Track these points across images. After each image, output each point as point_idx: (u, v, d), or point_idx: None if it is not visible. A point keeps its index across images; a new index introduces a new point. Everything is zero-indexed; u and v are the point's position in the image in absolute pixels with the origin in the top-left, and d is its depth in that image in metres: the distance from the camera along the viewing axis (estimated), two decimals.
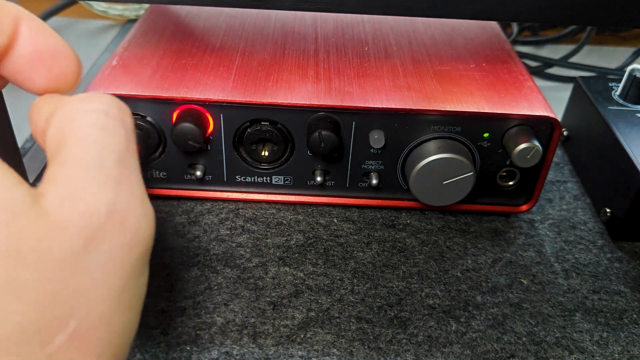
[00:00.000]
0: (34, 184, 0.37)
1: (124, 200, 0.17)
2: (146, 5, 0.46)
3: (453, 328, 0.29)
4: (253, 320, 0.29)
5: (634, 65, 0.39)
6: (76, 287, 0.16)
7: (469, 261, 0.33)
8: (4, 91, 0.30)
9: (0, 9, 0.19)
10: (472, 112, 0.31)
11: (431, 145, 0.32)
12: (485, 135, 0.32)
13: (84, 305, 0.16)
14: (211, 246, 0.33)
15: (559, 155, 0.43)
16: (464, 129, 0.32)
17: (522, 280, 0.32)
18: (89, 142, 0.18)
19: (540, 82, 0.55)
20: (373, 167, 0.34)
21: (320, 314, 0.29)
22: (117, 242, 0.17)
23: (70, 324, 0.16)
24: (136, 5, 0.58)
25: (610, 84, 0.41)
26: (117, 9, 0.58)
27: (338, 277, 0.31)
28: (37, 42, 0.21)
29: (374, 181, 0.34)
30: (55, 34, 0.22)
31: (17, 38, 0.20)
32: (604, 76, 0.48)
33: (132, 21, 0.59)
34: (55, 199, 0.16)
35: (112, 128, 0.18)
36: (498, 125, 0.32)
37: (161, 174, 0.34)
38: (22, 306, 0.15)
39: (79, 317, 0.16)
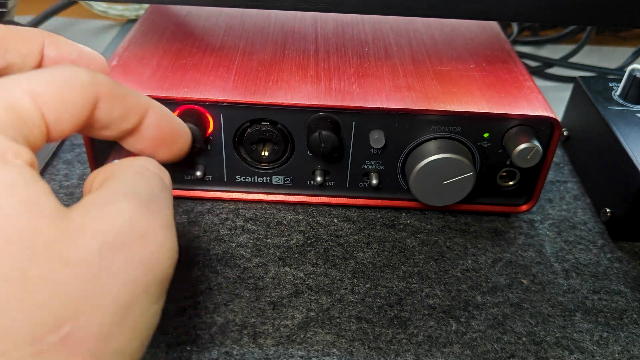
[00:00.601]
0: None
1: (147, 220, 0.18)
2: (146, 5, 0.46)
3: (453, 328, 0.29)
4: (253, 320, 0.29)
5: (634, 65, 0.39)
6: (82, 292, 0.16)
7: (469, 261, 0.33)
8: None
9: (132, 101, 0.22)
10: (472, 112, 0.31)
11: (431, 145, 0.32)
12: (486, 135, 0.32)
13: (84, 312, 0.16)
14: (211, 246, 0.33)
15: (559, 155, 0.43)
16: (464, 129, 0.32)
17: (522, 280, 0.32)
18: (123, 179, 0.20)
19: (540, 82, 0.55)
20: (373, 167, 0.34)
21: (321, 314, 0.29)
22: (133, 257, 0.17)
23: (66, 326, 0.16)
24: (136, 5, 0.58)
25: (610, 84, 0.41)
26: (117, 9, 0.58)
27: (338, 277, 0.31)
28: (162, 128, 0.24)
29: (374, 181, 0.34)
30: (176, 118, 0.26)
31: (143, 124, 0.23)
32: (604, 76, 0.48)
33: (132, 21, 0.59)
34: (81, 208, 0.18)
35: (148, 176, 0.21)
36: (498, 125, 0.32)
37: None
38: (24, 299, 0.15)
39: (76, 321, 0.16)
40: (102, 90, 0.21)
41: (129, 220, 0.18)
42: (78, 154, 0.40)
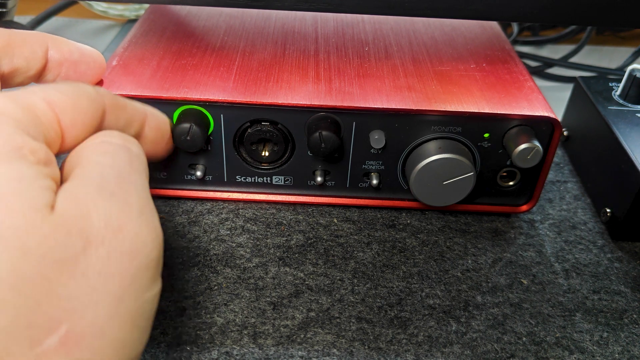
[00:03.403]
0: None
1: (120, 212, 0.19)
2: (146, 5, 0.46)
3: (453, 328, 0.29)
4: (253, 320, 0.29)
5: (634, 65, 0.39)
6: (72, 289, 0.16)
7: (469, 261, 0.33)
8: None
9: (133, 110, 0.25)
10: (472, 112, 0.31)
11: (431, 145, 0.32)
12: (486, 135, 0.32)
13: (77, 310, 0.16)
14: (211, 246, 0.33)
15: (559, 155, 0.43)
16: (464, 129, 0.32)
17: (522, 280, 0.32)
18: (92, 164, 0.20)
19: (540, 82, 0.55)
20: (373, 168, 0.34)
21: (321, 314, 0.29)
22: (113, 247, 0.18)
23: (62, 327, 0.16)
24: (136, 5, 0.58)
25: (610, 84, 0.41)
26: (117, 9, 0.58)
27: (338, 277, 0.31)
28: (160, 130, 0.28)
29: (375, 181, 0.34)
30: (165, 116, 0.29)
31: (144, 129, 0.26)
32: (604, 76, 0.48)
33: (132, 21, 0.59)
34: (63, 204, 0.18)
35: (112, 152, 0.21)
36: (498, 125, 0.32)
37: (161, 174, 0.34)
38: (19, 299, 0.16)
39: (72, 321, 0.16)
40: (107, 101, 0.22)
41: (104, 214, 0.18)
42: None
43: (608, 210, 0.35)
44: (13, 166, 0.17)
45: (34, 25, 0.52)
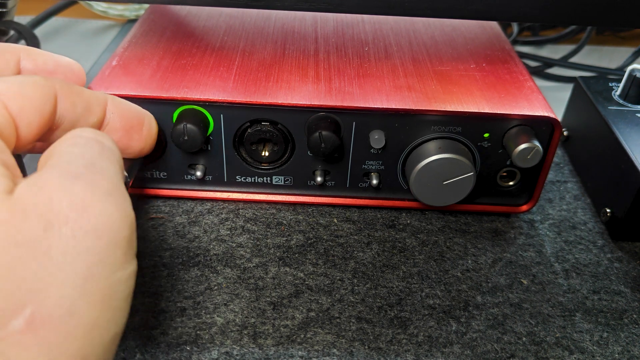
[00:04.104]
0: None
1: (84, 192, 0.18)
2: (146, 5, 0.46)
3: (453, 328, 0.29)
4: (253, 320, 0.29)
5: (634, 65, 0.39)
6: (35, 270, 0.16)
7: (469, 261, 0.33)
8: None
9: (90, 95, 0.24)
10: (472, 112, 0.31)
11: (431, 145, 0.32)
12: (486, 135, 0.32)
13: (42, 290, 0.16)
14: (211, 246, 0.33)
15: (559, 155, 0.43)
16: (464, 129, 0.32)
17: (522, 280, 0.32)
18: (61, 153, 0.20)
19: (540, 82, 0.55)
20: (373, 168, 0.34)
21: (321, 314, 0.29)
22: (79, 226, 0.18)
23: (27, 309, 0.16)
24: (136, 5, 0.58)
25: (610, 84, 0.41)
26: (117, 9, 0.58)
27: (338, 277, 0.31)
28: (125, 115, 0.27)
29: (374, 181, 0.34)
30: (134, 104, 0.28)
31: (107, 115, 0.26)
32: (604, 76, 0.48)
33: (132, 21, 0.59)
34: (22, 189, 0.18)
35: (83, 144, 0.21)
36: (498, 125, 0.32)
37: (161, 174, 0.34)
38: None
39: (37, 302, 0.16)
40: (58, 87, 0.22)
41: (67, 195, 0.18)
42: None
43: (608, 210, 0.35)
44: None
45: (34, 25, 0.52)
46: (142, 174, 0.34)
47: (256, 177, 0.35)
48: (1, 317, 0.16)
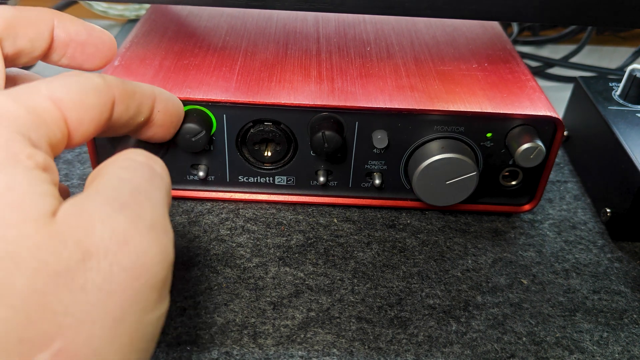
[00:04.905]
0: None
1: (128, 224, 0.17)
2: (146, 5, 0.46)
3: (453, 328, 0.29)
4: (253, 320, 0.29)
5: (634, 65, 0.39)
6: (68, 304, 0.15)
7: (469, 261, 0.33)
8: None
9: (142, 95, 0.24)
10: (475, 112, 0.31)
11: (434, 145, 0.32)
12: (488, 135, 0.32)
13: (73, 326, 0.15)
14: (211, 246, 0.33)
15: (559, 155, 0.43)
16: (467, 128, 0.32)
17: (522, 280, 0.32)
18: (109, 176, 0.19)
19: (540, 82, 0.55)
20: (376, 167, 0.34)
21: (321, 314, 0.29)
22: (117, 261, 0.16)
23: (56, 344, 0.15)
24: (136, 5, 0.58)
25: (610, 84, 0.41)
26: (117, 9, 0.58)
27: (338, 277, 0.31)
28: (169, 112, 0.26)
29: (377, 181, 0.34)
30: (174, 96, 0.27)
31: (153, 113, 0.25)
32: (604, 76, 0.48)
33: (132, 21, 0.59)
34: (65, 213, 0.17)
35: (133, 167, 0.20)
36: (501, 125, 0.32)
37: None
38: (9, 313, 0.15)
39: (66, 337, 0.15)
40: (116, 91, 0.21)
41: (109, 226, 0.17)
42: (78, 153, 0.40)
43: (608, 210, 0.35)
44: (6, 173, 0.16)
45: None
46: None
47: (259, 177, 0.35)
48: (30, 348, 0.15)
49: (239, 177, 0.35)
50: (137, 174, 0.20)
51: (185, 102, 0.31)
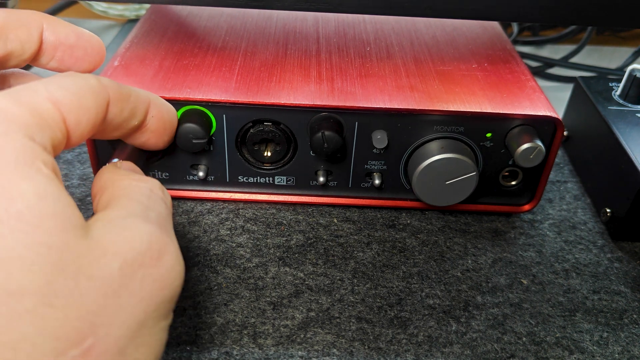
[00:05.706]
0: None
1: (163, 241, 0.19)
2: (146, 6, 0.46)
3: (453, 328, 0.29)
4: (253, 320, 0.29)
5: (634, 65, 0.39)
6: (103, 305, 0.17)
7: (469, 261, 0.33)
8: None
9: (136, 99, 0.24)
10: (474, 112, 0.31)
11: (434, 145, 0.32)
12: (488, 135, 0.32)
13: (104, 326, 0.17)
14: (211, 246, 0.33)
15: (559, 155, 0.43)
16: (466, 129, 0.32)
17: (522, 280, 0.32)
18: (136, 201, 0.21)
19: (540, 82, 0.55)
20: (376, 168, 0.34)
21: (321, 314, 0.29)
22: (150, 274, 0.18)
23: (87, 341, 0.16)
24: (136, 5, 0.58)
25: (610, 84, 0.41)
26: (117, 9, 0.58)
27: (338, 277, 0.31)
28: (163, 119, 0.27)
29: (377, 181, 0.34)
30: (169, 105, 0.28)
31: (147, 118, 0.25)
32: (604, 76, 0.48)
33: (132, 21, 0.59)
34: (100, 227, 0.18)
35: (155, 199, 0.22)
36: (501, 125, 0.32)
37: (163, 174, 0.35)
38: (50, 312, 0.16)
39: (97, 336, 0.17)
40: (111, 93, 0.22)
41: (148, 241, 0.19)
42: (78, 154, 0.40)
43: (608, 210, 0.35)
44: (31, 179, 0.17)
45: None
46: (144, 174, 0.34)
47: (258, 178, 0.35)
48: (65, 344, 0.16)
49: (239, 177, 0.35)
50: (159, 204, 0.22)
51: (185, 102, 0.31)
